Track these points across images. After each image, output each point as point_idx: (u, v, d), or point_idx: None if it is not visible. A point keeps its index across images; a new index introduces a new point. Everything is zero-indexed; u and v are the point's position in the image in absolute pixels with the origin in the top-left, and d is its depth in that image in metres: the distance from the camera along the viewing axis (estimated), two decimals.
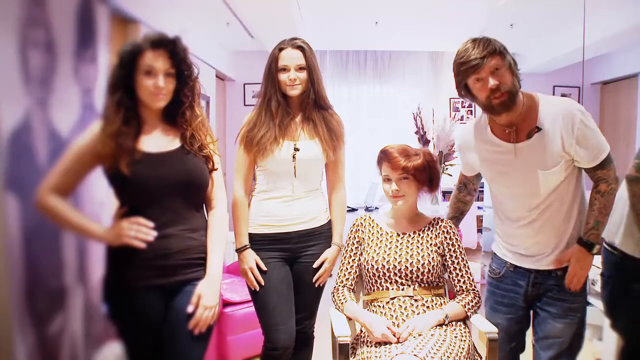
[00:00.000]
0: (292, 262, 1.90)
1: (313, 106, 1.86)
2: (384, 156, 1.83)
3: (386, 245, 1.84)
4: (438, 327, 1.69)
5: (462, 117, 5.74)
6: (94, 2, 1.98)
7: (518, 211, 1.75)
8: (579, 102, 2.08)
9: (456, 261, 1.83)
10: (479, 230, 4.70)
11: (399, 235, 1.86)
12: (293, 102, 1.87)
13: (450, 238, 1.84)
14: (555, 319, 1.74)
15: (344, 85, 5.84)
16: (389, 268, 1.78)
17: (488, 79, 1.57)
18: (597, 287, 2.83)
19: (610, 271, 1.86)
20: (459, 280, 1.83)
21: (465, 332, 1.72)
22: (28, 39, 1.55)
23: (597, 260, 2.29)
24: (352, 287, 1.89)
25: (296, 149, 1.83)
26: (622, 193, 1.77)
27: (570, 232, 1.73)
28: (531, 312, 1.83)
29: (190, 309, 1.46)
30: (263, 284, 1.82)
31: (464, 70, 1.59)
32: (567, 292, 1.73)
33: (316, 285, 1.91)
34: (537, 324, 1.80)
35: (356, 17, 4.43)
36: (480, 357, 1.72)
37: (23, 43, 1.53)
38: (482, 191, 4.39)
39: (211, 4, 3.68)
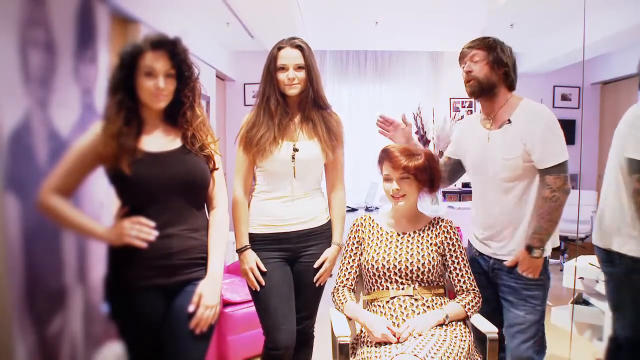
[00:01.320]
0: (292, 262, 1.89)
1: (312, 106, 1.86)
2: (385, 155, 1.83)
3: (386, 245, 1.84)
4: (438, 327, 1.69)
5: (462, 117, 5.70)
6: (94, 2, 1.97)
7: (484, 193, 1.91)
8: (579, 102, 2.20)
9: (456, 261, 1.83)
10: None
11: (399, 235, 1.86)
12: (292, 102, 1.87)
13: (450, 238, 1.85)
14: (516, 307, 1.83)
15: (344, 85, 5.84)
16: (389, 268, 1.78)
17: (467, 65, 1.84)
18: (598, 288, 2.83)
19: (609, 268, 1.93)
20: (459, 280, 1.83)
21: (465, 332, 1.72)
22: (28, 39, 1.55)
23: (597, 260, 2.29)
24: (352, 287, 1.89)
25: (295, 150, 1.83)
26: (610, 202, 1.89)
27: (522, 233, 1.82)
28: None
29: (191, 308, 1.46)
30: (264, 284, 1.82)
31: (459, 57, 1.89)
32: (522, 280, 1.81)
33: (317, 285, 1.90)
34: (503, 314, 1.89)
35: (356, 17, 4.43)
36: (481, 357, 1.73)
37: (23, 43, 1.52)
38: None
39: (211, 4, 3.68)
